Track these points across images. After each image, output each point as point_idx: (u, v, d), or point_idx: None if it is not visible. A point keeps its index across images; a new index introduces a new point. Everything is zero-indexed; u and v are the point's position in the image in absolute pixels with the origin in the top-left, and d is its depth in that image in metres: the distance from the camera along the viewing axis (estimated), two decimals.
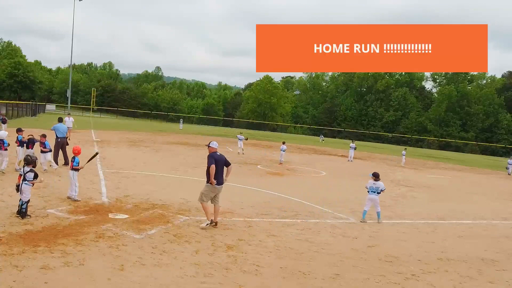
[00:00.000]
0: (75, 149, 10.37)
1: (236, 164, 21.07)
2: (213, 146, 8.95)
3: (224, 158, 8.97)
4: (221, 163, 8.84)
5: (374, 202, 10.86)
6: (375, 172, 11.33)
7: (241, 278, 6.23)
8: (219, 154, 8.95)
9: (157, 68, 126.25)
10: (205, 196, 8.74)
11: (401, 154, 32.85)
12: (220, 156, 8.93)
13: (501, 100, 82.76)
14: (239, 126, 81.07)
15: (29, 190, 8.26)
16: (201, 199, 8.74)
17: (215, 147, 8.96)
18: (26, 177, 8.30)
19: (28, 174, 8.33)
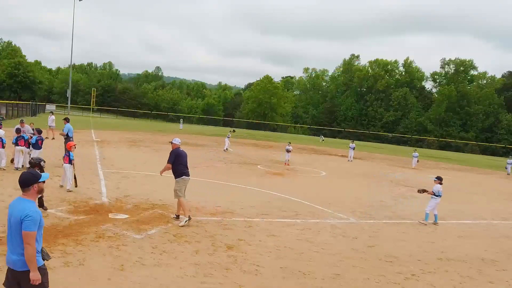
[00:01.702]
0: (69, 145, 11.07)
1: (236, 164, 21.11)
2: (176, 143, 9.45)
3: (186, 154, 9.49)
4: (185, 158, 9.28)
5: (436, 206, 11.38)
6: (439, 176, 11.94)
7: (241, 278, 6.23)
8: (182, 150, 9.41)
9: (157, 68, 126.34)
10: (179, 191, 8.97)
11: (412, 156, 31.15)
12: (183, 151, 9.42)
13: (501, 100, 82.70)
14: (239, 126, 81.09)
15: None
16: (177, 195, 8.96)
17: (178, 143, 9.45)
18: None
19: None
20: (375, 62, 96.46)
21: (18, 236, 3.81)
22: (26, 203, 3.88)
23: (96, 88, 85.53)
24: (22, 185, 3.95)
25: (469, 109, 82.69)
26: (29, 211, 3.78)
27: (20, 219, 3.76)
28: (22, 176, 3.97)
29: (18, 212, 3.81)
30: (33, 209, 3.85)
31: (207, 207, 10.58)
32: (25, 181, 3.93)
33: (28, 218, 3.73)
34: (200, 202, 10.91)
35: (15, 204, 3.92)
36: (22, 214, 3.77)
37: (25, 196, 3.94)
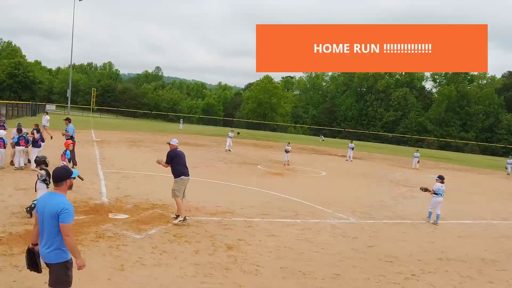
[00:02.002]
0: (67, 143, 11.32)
1: (236, 164, 21.11)
2: (173, 144, 9.41)
3: (184, 154, 9.45)
4: (183, 158, 9.26)
5: (439, 204, 11.38)
6: (441, 175, 11.97)
7: (241, 278, 6.23)
8: (179, 150, 9.38)
9: (157, 68, 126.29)
10: (177, 191, 8.95)
11: (413, 156, 30.88)
12: (181, 152, 9.38)
13: (501, 100, 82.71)
14: (239, 126, 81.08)
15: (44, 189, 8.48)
16: (175, 195, 8.95)
17: (175, 144, 9.40)
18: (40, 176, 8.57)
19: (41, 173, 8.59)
20: None
21: (50, 229, 4.00)
22: (59, 197, 4.07)
23: (96, 88, 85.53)
24: (56, 180, 4.16)
25: (469, 109, 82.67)
26: (64, 204, 4.00)
27: (56, 213, 3.94)
28: (56, 172, 4.18)
29: (53, 206, 3.98)
30: (67, 202, 4.06)
31: (207, 207, 10.58)
32: (60, 176, 4.16)
33: (65, 211, 3.95)
34: (200, 202, 10.91)
35: (47, 199, 4.10)
36: (58, 208, 3.95)
37: (57, 190, 4.15)
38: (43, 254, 4.11)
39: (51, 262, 4.08)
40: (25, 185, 11.02)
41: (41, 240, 4.11)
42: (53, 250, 4.03)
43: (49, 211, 3.99)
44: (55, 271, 4.09)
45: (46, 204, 4.05)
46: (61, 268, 4.11)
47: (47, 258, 4.09)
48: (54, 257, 4.05)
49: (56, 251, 4.04)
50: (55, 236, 4.01)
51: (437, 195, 11.50)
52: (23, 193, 10.14)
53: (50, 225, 4.00)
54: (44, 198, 4.18)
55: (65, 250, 4.09)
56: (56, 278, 4.11)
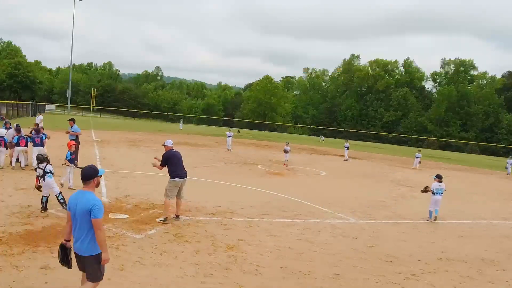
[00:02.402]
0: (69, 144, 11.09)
1: (236, 164, 21.11)
2: (168, 145, 9.29)
3: (180, 154, 9.31)
4: (179, 159, 9.11)
5: (438, 202, 11.55)
6: (439, 174, 12.10)
7: (241, 278, 6.23)
8: (175, 151, 9.25)
9: (157, 68, 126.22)
10: (169, 191, 8.90)
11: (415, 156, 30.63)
12: (176, 152, 9.25)
13: (501, 100, 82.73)
14: (239, 126, 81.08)
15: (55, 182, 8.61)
16: (166, 195, 8.90)
17: (170, 145, 9.29)
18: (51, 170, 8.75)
19: (48, 167, 8.75)
20: (375, 62, 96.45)
21: (83, 224, 4.32)
22: (88, 194, 4.40)
23: (96, 88, 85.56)
24: (84, 179, 4.46)
25: (469, 109, 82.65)
26: (95, 201, 4.33)
27: (88, 209, 4.26)
28: (84, 171, 4.48)
29: (84, 203, 4.31)
30: (97, 198, 4.39)
31: (207, 207, 10.58)
32: (88, 175, 4.46)
33: (96, 207, 4.28)
34: (200, 202, 10.92)
35: (79, 197, 4.41)
36: (89, 204, 4.28)
37: (86, 189, 4.46)
38: (77, 248, 4.40)
39: (85, 254, 4.39)
40: (25, 185, 11.03)
41: (74, 235, 4.43)
42: (87, 243, 4.35)
43: (81, 208, 4.31)
44: (90, 263, 4.42)
45: (78, 202, 4.36)
46: (95, 260, 4.43)
47: (81, 251, 4.39)
48: (88, 250, 4.37)
49: (89, 244, 4.36)
50: (88, 231, 4.32)
51: (435, 194, 11.64)
52: (23, 193, 10.14)
53: (83, 221, 4.32)
54: (75, 197, 4.46)
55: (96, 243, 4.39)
56: (92, 270, 4.44)
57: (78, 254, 4.45)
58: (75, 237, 4.43)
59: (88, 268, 4.46)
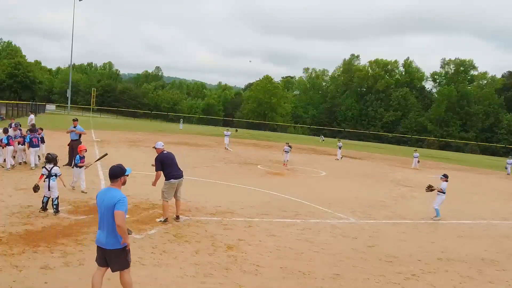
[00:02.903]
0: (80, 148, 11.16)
1: (236, 164, 21.11)
2: (159, 147, 9.11)
3: (173, 154, 9.15)
4: (172, 159, 8.95)
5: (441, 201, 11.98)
6: (445, 173, 12.56)
7: (241, 278, 6.23)
8: (167, 152, 9.08)
9: (157, 68, 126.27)
10: (166, 193, 8.81)
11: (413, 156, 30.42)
12: (169, 153, 9.08)
13: (501, 100, 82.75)
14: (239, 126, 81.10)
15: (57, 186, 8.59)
16: (163, 197, 8.80)
17: (161, 147, 9.10)
18: (56, 173, 8.75)
19: (54, 169, 8.76)
20: (375, 62, 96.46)
21: (110, 220, 4.57)
22: (115, 191, 4.68)
23: (96, 88, 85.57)
24: (112, 177, 4.76)
25: (469, 109, 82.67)
26: (120, 196, 4.60)
27: (113, 203, 4.53)
28: (112, 170, 4.78)
29: (111, 198, 4.59)
30: (122, 194, 4.65)
31: (207, 207, 10.58)
32: (115, 173, 4.76)
33: (120, 201, 4.55)
34: (200, 202, 10.91)
35: (106, 193, 4.71)
36: (115, 199, 4.56)
37: (113, 186, 4.75)
38: (101, 242, 4.68)
39: (111, 248, 4.65)
40: (25, 185, 11.02)
41: (100, 229, 4.70)
42: (112, 238, 4.61)
43: (107, 204, 4.60)
44: (116, 256, 4.68)
45: (105, 198, 4.65)
46: (120, 253, 4.71)
47: (107, 245, 4.64)
48: (114, 243, 4.63)
49: (114, 238, 4.62)
50: (113, 225, 4.56)
51: (444, 194, 11.88)
52: (23, 193, 10.14)
53: (109, 216, 4.58)
54: (102, 193, 4.77)
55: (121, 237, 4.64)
56: (117, 262, 4.72)
57: (103, 248, 4.68)
58: (100, 232, 4.69)
59: (114, 261, 4.72)
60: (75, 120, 15.55)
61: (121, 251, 4.70)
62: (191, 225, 8.78)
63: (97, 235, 4.76)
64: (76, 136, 14.90)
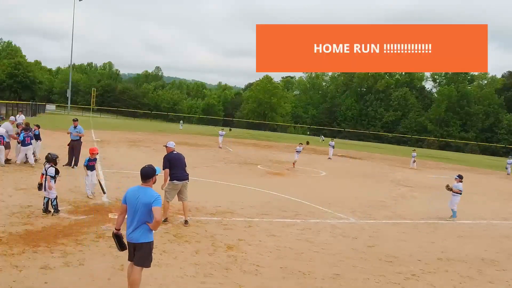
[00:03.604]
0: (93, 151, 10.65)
1: (236, 164, 21.11)
2: (169, 146, 9.09)
3: (182, 156, 9.07)
4: (179, 161, 8.87)
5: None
6: (460, 174, 12.80)
7: (241, 278, 6.23)
8: (176, 153, 9.02)
9: (157, 68, 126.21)
10: (168, 193, 8.76)
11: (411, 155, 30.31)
12: (178, 154, 9.02)
13: (501, 100, 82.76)
14: (239, 126, 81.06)
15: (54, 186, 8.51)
16: (165, 197, 8.70)
17: (172, 146, 9.07)
18: (51, 174, 8.59)
19: (49, 170, 8.60)
20: None
21: (143, 216, 4.91)
22: (150, 190, 5.04)
23: (96, 88, 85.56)
24: (145, 177, 5.09)
25: (469, 109, 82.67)
26: (156, 194, 4.99)
27: (150, 201, 4.88)
28: (145, 170, 5.11)
29: (147, 197, 4.93)
30: (156, 193, 5.02)
31: (207, 207, 10.58)
32: (148, 174, 5.10)
33: (158, 199, 4.94)
34: (200, 202, 10.91)
35: (140, 192, 5.01)
36: (152, 198, 4.91)
37: (145, 185, 5.07)
38: (133, 236, 4.96)
39: (140, 241, 4.96)
40: (25, 185, 11.02)
41: (131, 225, 4.98)
42: (142, 232, 4.94)
43: (143, 201, 4.91)
44: (143, 249, 4.98)
45: (140, 196, 4.97)
46: (147, 247, 5.01)
47: (137, 239, 4.95)
48: (143, 237, 4.95)
49: (144, 233, 4.96)
50: (145, 221, 4.93)
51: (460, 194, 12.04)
52: (23, 193, 10.14)
53: (143, 212, 4.91)
54: (135, 192, 5.04)
55: (151, 232, 5.02)
56: (143, 256, 4.99)
57: (133, 242, 4.98)
58: (131, 227, 4.97)
59: (140, 254, 4.98)
60: (75, 120, 15.57)
61: (148, 245, 5.02)
62: (191, 225, 8.77)
63: (128, 232, 5.02)
64: (77, 136, 14.94)
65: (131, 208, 4.99)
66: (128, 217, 5.03)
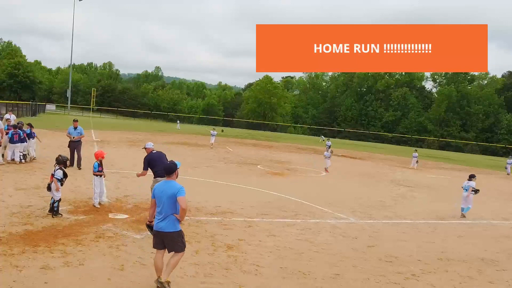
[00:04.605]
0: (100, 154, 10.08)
1: (236, 164, 21.11)
2: (148, 147, 9.20)
3: (162, 153, 9.08)
4: (160, 159, 8.82)
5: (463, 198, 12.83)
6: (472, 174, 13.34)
7: (241, 278, 6.23)
8: (155, 152, 9.06)
9: (157, 68, 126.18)
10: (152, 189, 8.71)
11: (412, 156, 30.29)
12: (157, 153, 9.04)
13: (501, 100, 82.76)
14: (239, 126, 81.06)
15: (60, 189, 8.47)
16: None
17: (150, 147, 9.17)
18: (58, 176, 8.56)
19: (56, 172, 8.58)
20: None
21: (170, 206, 5.45)
22: (173, 182, 5.58)
23: (96, 88, 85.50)
24: (169, 172, 5.63)
25: (469, 109, 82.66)
26: (180, 186, 5.51)
27: (174, 192, 5.43)
28: (168, 166, 5.68)
29: (171, 189, 5.48)
30: (180, 185, 5.54)
31: (207, 207, 10.58)
32: (171, 169, 5.64)
33: (181, 190, 5.46)
34: (200, 202, 10.91)
35: (165, 185, 5.57)
36: (176, 189, 5.46)
37: (170, 179, 5.62)
38: (162, 226, 5.50)
39: (169, 231, 5.49)
40: (25, 185, 11.02)
41: (159, 216, 5.54)
42: (171, 222, 5.48)
43: (168, 193, 5.45)
44: (173, 238, 5.52)
45: (165, 189, 5.52)
46: (177, 235, 5.55)
47: (166, 228, 5.49)
48: (172, 227, 5.49)
49: (173, 223, 5.50)
50: (172, 212, 5.46)
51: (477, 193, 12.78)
52: (23, 193, 10.14)
53: (169, 203, 5.46)
54: (161, 185, 5.61)
55: (177, 222, 5.54)
56: (174, 243, 5.54)
57: (162, 231, 5.50)
58: (160, 218, 5.51)
59: (172, 243, 5.54)
60: (75, 121, 15.52)
61: (178, 234, 5.56)
62: (191, 225, 8.78)
63: (156, 222, 5.57)
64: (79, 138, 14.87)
65: (159, 201, 5.55)
66: (157, 209, 5.60)
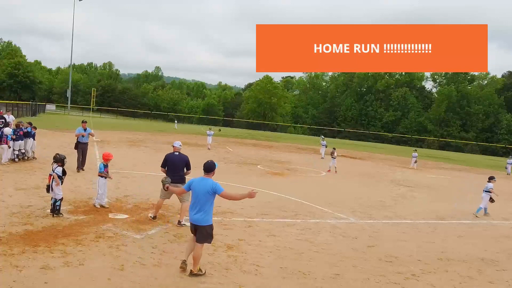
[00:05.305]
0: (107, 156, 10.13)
1: (236, 164, 21.11)
2: (175, 146, 9.28)
3: (180, 159, 8.97)
4: (174, 164, 8.85)
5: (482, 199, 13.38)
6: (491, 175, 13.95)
7: (241, 278, 6.23)
8: (176, 154, 9.02)
9: (157, 68, 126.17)
10: (161, 191, 8.82)
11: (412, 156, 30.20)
12: (177, 156, 8.99)
13: (501, 100, 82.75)
14: (239, 126, 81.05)
15: (60, 188, 8.43)
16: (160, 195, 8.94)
17: (177, 146, 9.25)
18: (58, 174, 8.55)
19: (57, 169, 8.58)
20: None
21: (204, 202, 5.90)
22: (209, 180, 6.01)
23: (96, 88, 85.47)
24: (208, 170, 6.08)
25: (469, 109, 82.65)
26: (214, 182, 5.95)
27: (210, 190, 5.87)
28: (208, 165, 6.10)
29: (207, 186, 5.91)
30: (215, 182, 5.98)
31: None
32: (210, 168, 6.08)
33: (217, 186, 5.91)
34: None
35: (202, 182, 6.00)
36: (211, 187, 5.89)
37: (207, 176, 6.06)
38: (196, 219, 5.95)
39: (202, 224, 5.94)
40: (25, 185, 11.02)
41: (194, 209, 5.97)
42: (204, 216, 5.92)
43: (203, 189, 5.90)
44: (204, 231, 5.97)
45: (201, 185, 5.95)
46: (208, 228, 6.00)
47: (199, 222, 5.94)
48: (205, 221, 5.94)
49: (206, 217, 5.93)
50: (206, 207, 5.90)
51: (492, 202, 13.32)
52: (23, 193, 10.14)
53: (204, 199, 5.90)
54: (198, 181, 6.02)
55: (210, 216, 6.00)
56: (205, 235, 6.00)
57: (196, 224, 5.96)
58: (195, 211, 5.94)
59: (202, 234, 5.98)
60: (84, 122, 14.86)
61: (210, 227, 5.99)
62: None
63: (190, 215, 6.03)
64: (87, 138, 14.51)
65: (195, 195, 5.97)
66: (192, 202, 6.01)
